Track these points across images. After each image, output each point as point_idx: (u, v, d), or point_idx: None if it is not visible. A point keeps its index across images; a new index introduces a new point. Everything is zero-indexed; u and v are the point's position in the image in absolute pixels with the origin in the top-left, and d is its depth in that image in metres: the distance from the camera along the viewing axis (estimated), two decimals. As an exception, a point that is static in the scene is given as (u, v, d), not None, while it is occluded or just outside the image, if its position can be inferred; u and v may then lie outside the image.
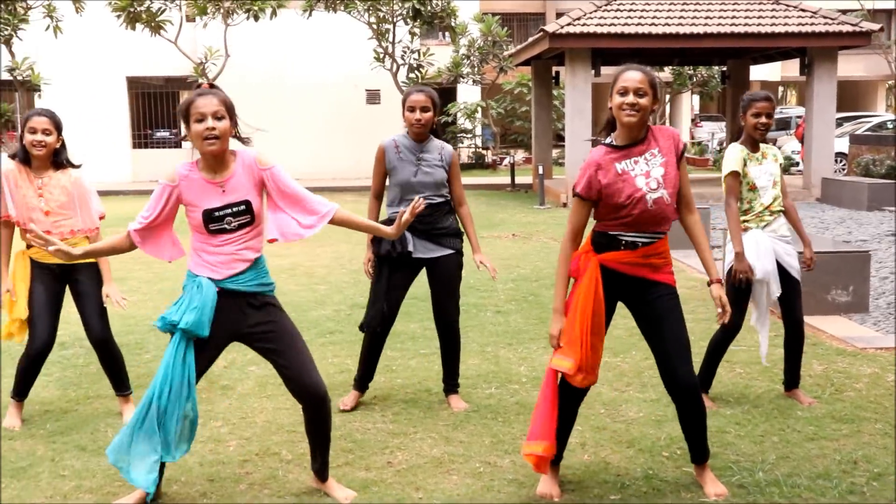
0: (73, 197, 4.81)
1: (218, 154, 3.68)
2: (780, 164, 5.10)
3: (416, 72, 22.84)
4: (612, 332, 5.92)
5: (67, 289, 4.99)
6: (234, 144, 3.81)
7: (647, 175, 3.77)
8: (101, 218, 4.98)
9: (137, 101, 26.68)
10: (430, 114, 4.98)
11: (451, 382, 5.25)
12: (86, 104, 24.62)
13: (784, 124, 28.85)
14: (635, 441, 4.51)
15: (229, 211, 3.70)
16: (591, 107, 17.91)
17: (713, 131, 32.90)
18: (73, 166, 4.90)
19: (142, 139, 27.18)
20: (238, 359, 6.02)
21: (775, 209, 5.03)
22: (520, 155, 30.13)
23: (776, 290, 5.01)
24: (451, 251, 5.08)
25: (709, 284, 3.92)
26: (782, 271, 5.02)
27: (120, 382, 5.09)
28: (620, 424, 4.78)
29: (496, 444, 4.50)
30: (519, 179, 22.81)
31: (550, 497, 3.88)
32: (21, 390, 5.00)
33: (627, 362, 5.95)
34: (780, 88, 41.39)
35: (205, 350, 3.77)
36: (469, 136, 31.13)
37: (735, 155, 4.99)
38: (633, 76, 3.72)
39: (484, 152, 30.53)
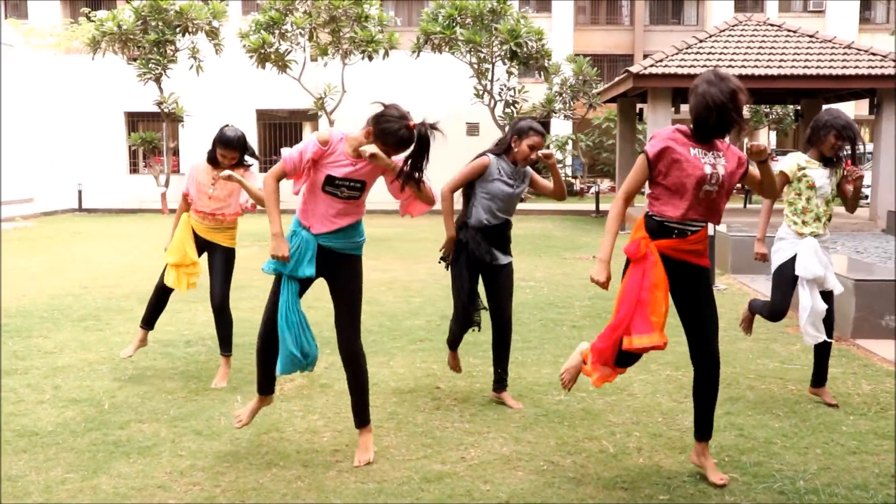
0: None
1: None
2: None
3: (511, 107, 22.92)
4: (674, 347, 5.91)
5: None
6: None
7: (713, 167, 3.92)
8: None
9: (265, 131, 27.48)
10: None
11: (504, 379, 5.35)
12: (221, 133, 25.52)
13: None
14: (688, 448, 4.45)
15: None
16: (670, 141, 17.69)
17: (787, 165, 32.10)
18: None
19: (268, 164, 27.92)
20: (337, 361, 6.13)
21: None
22: (605, 184, 29.93)
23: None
24: (511, 259, 5.29)
25: None
26: None
27: (227, 344, 5.72)
28: (675, 432, 4.74)
29: (560, 446, 4.51)
30: (603, 206, 22.61)
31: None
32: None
33: (687, 376, 5.86)
34: (855, 126, 39.94)
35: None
36: (560, 165, 31.05)
37: None
38: None
39: (573, 181, 30.38)
